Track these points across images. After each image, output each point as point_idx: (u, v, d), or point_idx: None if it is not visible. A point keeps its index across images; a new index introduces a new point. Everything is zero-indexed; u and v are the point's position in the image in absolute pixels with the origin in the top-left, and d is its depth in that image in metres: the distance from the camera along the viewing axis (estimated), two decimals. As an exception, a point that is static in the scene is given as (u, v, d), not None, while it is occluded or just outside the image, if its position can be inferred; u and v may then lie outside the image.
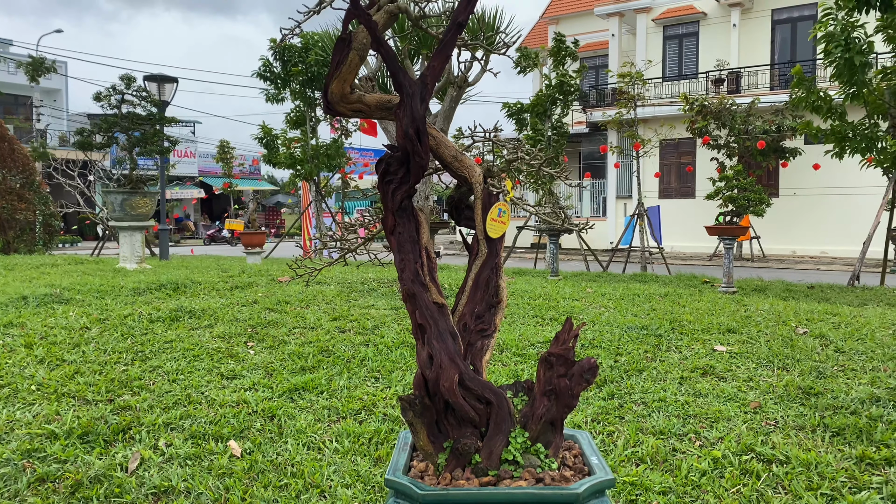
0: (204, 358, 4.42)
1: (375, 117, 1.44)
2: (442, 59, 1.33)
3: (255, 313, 5.50)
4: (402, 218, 1.36)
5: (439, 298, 1.35)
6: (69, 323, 5.15)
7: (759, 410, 3.56)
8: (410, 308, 1.35)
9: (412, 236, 1.36)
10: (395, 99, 1.40)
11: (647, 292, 7.18)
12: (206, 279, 6.88)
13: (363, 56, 1.35)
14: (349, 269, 8.36)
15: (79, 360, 4.36)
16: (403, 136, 1.29)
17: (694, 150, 23.06)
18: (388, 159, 1.34)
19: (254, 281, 6.87)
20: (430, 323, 1.32)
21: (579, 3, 29.02)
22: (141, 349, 4.58)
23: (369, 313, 5.59)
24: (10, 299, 5.83)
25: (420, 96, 1.29)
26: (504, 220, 1.47)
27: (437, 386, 1.29)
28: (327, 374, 4.12)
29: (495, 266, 1.48)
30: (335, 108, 1.38)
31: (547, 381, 1.36)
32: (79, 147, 7.97)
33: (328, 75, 1.36)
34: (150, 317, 5.32)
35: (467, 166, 1.45)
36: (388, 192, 1.34)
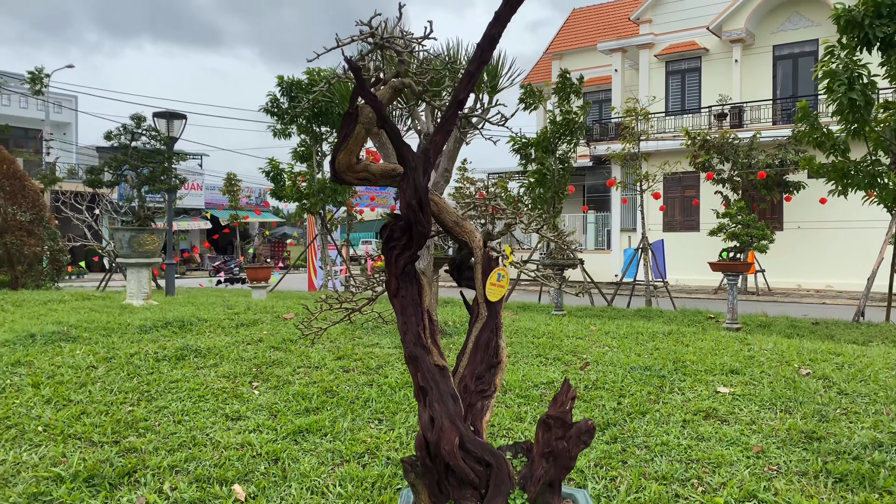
0: (209, 398, 4.45)
1: (380, 185, 1.50)
2: (444, 134, 1.39)
3: (260, 352, 5.54)
4: (405, 282, 1.41)
5: (440, 361, 1.40)
6: (76, 362, 5.19)
7: (762, 455, 3.57)
8: (413, 370, 1.39)
9: (414, 299, 1.41)
10: (398, 168, 1.46)
11: (650, 330, 7.19)
12: (211, 316, 6.93)
13: (369, 129, 1.41)
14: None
15: (85, 401, 4.39)
16: (407, 207, 1.34)
17: (697, 183, 23.18)
18: (391, 226, 1.39)
19: (259, 318, 6.92)
20: (431, 385, 1.36)
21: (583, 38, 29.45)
22: (147, 389, 4.61)
23: (373, 352, 5.62)
24: (17, 337, 5.88)
25: (423, 169, 1.35)
26: (503, 283, 1.52)
27: (438, 448, 1.33)
28: (331, 416, 4.14)
29: (495, 327, 1.53)
30: (342, 177, 1.44)
31: (545, 443, 1.40)
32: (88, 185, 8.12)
33: (335, 147, 1.43)
34: (156, 355, 5.35)
35: (468, 231, 1.50)
36: (391, 257, 1.39)
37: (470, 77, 1.43)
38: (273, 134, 18.90)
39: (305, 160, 19.26)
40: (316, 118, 18.18)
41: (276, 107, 18.91)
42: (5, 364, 5.08)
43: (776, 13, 23.09)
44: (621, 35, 27.25)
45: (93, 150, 46.96)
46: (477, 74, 1.44)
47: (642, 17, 25.55)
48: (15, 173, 9.90)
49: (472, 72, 1.43)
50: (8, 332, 6.08)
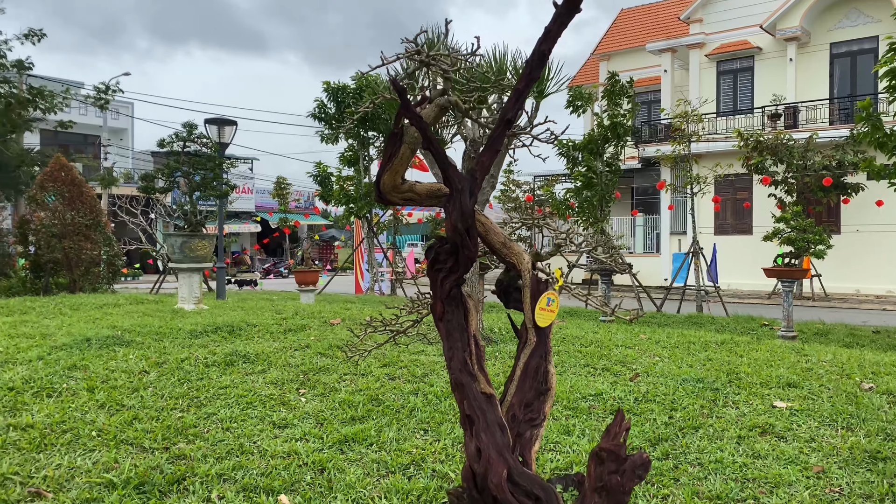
0: (257, 405, 4.49)
1: (425, 205, 1.47)
2: (491, 154, 1.35)
3: (307, 358, 5.57)
4: (451, 305, 1.38)
5: (488, 388, 1.35)
6: (129, 366, 5.30)
7: (823, 475, 3.42)
8: (459, 397, 1.35)
9: (460, 324, 1.37)
10: (443, 188, 1.42)
11: (702, 340, 7.00)
12: (260, 321, 7.01)
13: (414, 149, 1.38)
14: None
15: (137, 406, 4.48)
16: (453, 231, 1.31)
17: (750, 185, 22.59)
18: (437, 249, 1.36)
19: (307, 324, 6.98)
20: (478, 414, 1.32)
21: (631, 39, 29.03)
22: (196, 395, 4.68)
23: (419, 360, 5.60)
24: (74, 341, 6.04)
25: (469, 191, 1.31)
26: (553, 308, 1.47)
27: (485, 481, 1.29)
28: (377, 425, 4.13)
29: (545, 352, 1.48)
30: (387, 197, 1.41)
31: (598, 476, 1.34)
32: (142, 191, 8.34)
33: (381, 168, 1.40)
34: (205, 361, 5.44)
35: (516, 253, 1.46)
36: (437, 280, 1.36)
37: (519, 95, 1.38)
38: (321, 139, 19.13)
39: (353, 164, 19.43)
40: (363, 123, 18.32)
41: (323, 112, 19.15)
42: (62, 368, 5.21)
43: (833, 10, 22.36)
44: (671, 35, 26.76)
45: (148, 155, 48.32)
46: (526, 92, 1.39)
47: (692, 17, 25.04)
48: (73, 180, 10.22)
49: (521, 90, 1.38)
50: (66, 336, 6.26)
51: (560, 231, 1.58)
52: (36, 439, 3.92)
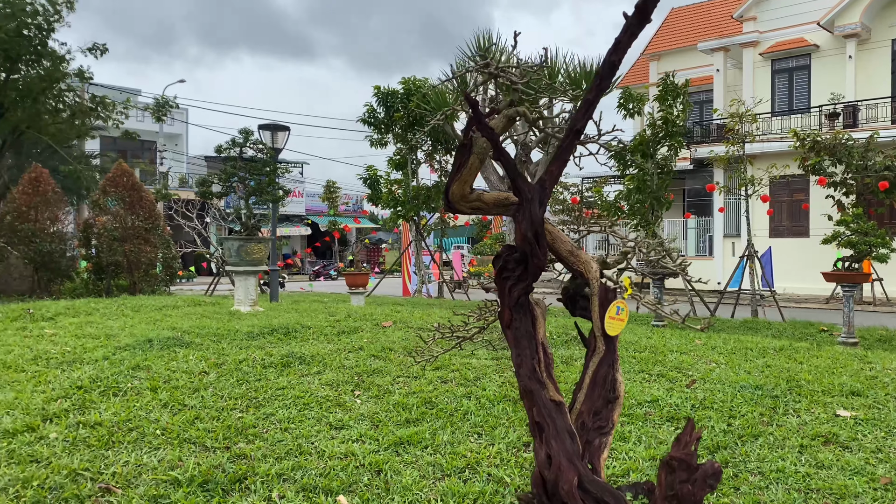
0: (313, 406, 4.57)
1: (493, 213, 1.48)
2: (560, 164, 1.37)
3: (361, 360, 5.65)
4: (519, 313, 1.39)
5: (557, 396, 1.37)
6: (189, 367, 5.46)
7: (892, 486, 3.31)
8: (528, 404, 1.37)
9: (528, 331, 1.39)
10: (511, 197, 1.44)
11: (760, 345, 6.85)
12: (314, 323, 7.14)
13: (483, 159, 1.40)
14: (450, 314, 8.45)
15: (198, 406, 4.61)
16: (522, 239, 1.32)
17: (807, 187, 21.96)
18: (505, 257, 1.38)
19: (359, 326, 7.07)
20: (548, 422, 1.33)
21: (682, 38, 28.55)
22: (255, 396, 4.79)
23: (471, 363, 5.62)
24: (137, 342, 6.24)
25: (539, 200, 1.33)
26: (623, 316, 1.47)
27: (556, 488, 1.30)
28: (431, 428, 4.17)
29: (613, 361, 1.49)
30: (456, 206, 1.44)
31: (669, 485, 1.34)
32: (200, 196, 8.60)
33: (450, 178, 1.43)
34: (262, 362, 5.56)
35: (583, 261, 1.47)
36: (504, 288, 1.38)
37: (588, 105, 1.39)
38: (370, 143, 19.36)
39: (401, 168, 19.61)
40: (411, 127, 18.47)
41: (372, 117, 19.37)
42: (127, 368, 5.40)
43: (895, 5, 21.59)
44: (723, 34, 26.22)
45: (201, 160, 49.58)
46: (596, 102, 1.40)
47: (746, 15, 24.49)
48: (133, 185, 10.57)
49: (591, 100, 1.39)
50: (128, 337, 6.48)
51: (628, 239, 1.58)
52: (104, 437, 4.08)
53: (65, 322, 7.27)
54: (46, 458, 3.80)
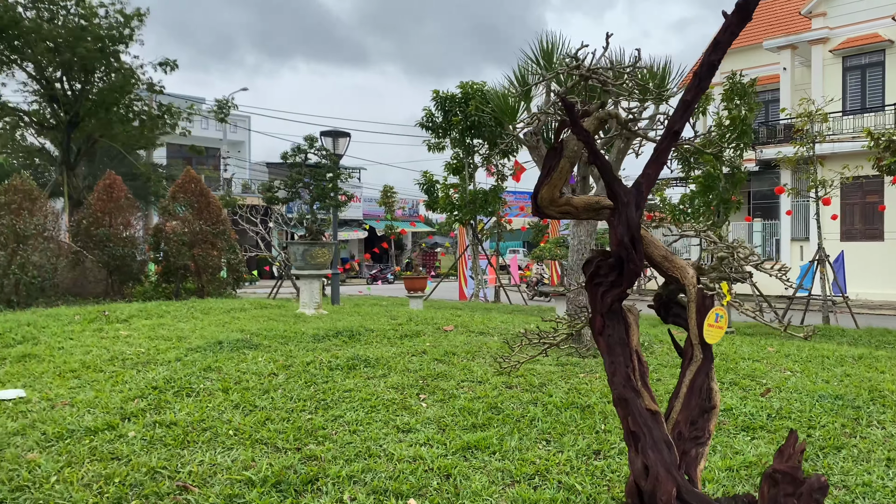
0: (380, 409, 4.60)
1: (582, 218, 1.46)
2: (658, 166, 1.33)
3: (424, 364, 5.66)
4: (612, 320, 1.36)
5: (652, 405, 1.33)
6: (258, 368, 5.57)
7: None
8: (622, 413, 1.34)
9: (622, 338, 1.35)
10: (602, 201, 1.42)
11: (837, 353, 6.58)
12: (377, 326, 7.20)
13: (573, 162, 1.38)
14: (512, 319, 8.42)
15: (269, 407, 4.70)
16: (618, 244, 1.30)
17: (881, 188, 21.04)
18: (597, 262, 1.35)
19: (421, 330, 7.10)
20: (644, 431, 1.30)
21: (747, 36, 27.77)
22: (323, 398, 4.85)
23: (535, 369, 5.58)
24: (207, 343, 6.41)
25: (635, 204, 1.30)
26: (722, 324, 1.42)
27: (653, 498, 1.26)
28: (498, 433, 4.14)
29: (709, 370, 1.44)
30: (544, 211, 1.42)
31: (772, 499, 1.29)
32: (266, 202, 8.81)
33: (539, 181, 1.41)
34: (329, 364, 5.63)
35: (679, 267, 1.43)
36: (597, 294, 1.35)
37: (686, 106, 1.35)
38: (427, 148, 19.48)
39: (458, 172, 19.65)
40: (469, 131, 18.50)
41: (430, 121, 19.48)
42: (199, 369, 5.54)
43: (978, -5, 20.53)
44: (790, 31, 25.39)
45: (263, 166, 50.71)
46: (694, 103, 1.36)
47: (815, 11, 23.67)
48: (202, 191, 10.89)
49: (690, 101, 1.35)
50: (199, 339, 6.66)
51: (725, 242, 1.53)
52: (179, 436, 4.19)
53: (138, 324, 7.53)
54: (126, 456, 3.93)
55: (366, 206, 45.61)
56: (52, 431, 4.28)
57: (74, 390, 5.17)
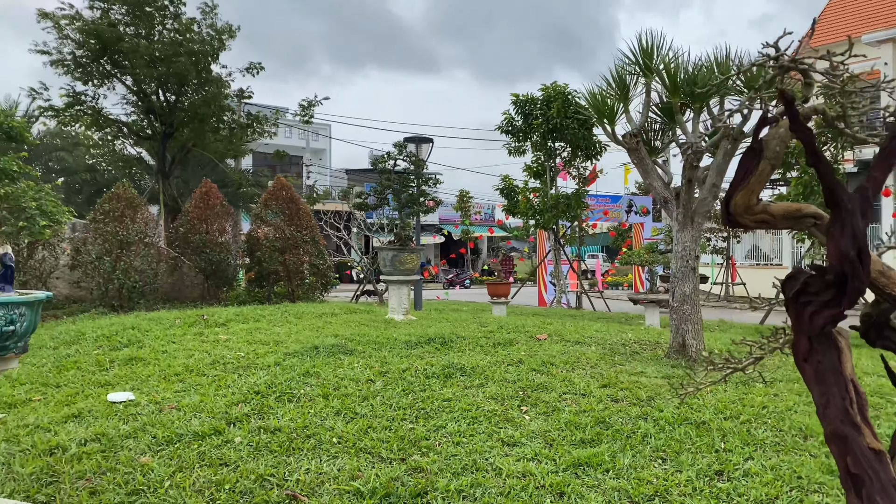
0: (482, 420, 4.49)
1: (780, 227, 1.30)
2: (884, 168, 1.16)
3: (522, 374, 5.52)
4: (822, 344, 1.20)
5: (875, 443, 1.16)
6: (356, 375, 5.56)
7: None
8: (838, 451, 1.17)
9: (834, 366, 1.19)
10: (804, 209, 1.25)
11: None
12: (468, 334, 7.10)
13: (775, 165, 1.22)
14: (606, 327, 8.17)
15: (369, 414, 4.66)
16: (840, 258, 1.13)
17: None
18: (805, 278, 1.19)
19: (514, 338, 6.96)
20: (868, 474, 1.13)
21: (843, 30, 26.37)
22: (422, 406, 4.78)
23: (640, 381, 5.34)
24: (304, 348, 6.46)
25: (861, 212, 1.13)
26: (955, 351, 1.24)
27: (889, 555, 1.09)
28: (609, 450, 3.95)
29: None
30: (737, 219, 1.27)
31: None
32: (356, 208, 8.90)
33: (732, 186, 1.26)
34: (425, 372, 5.56)
35: (897, 283, 1.25)
36: (803, 314, 1.19)
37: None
38: (508, 152, 19.28)
39: (539, 176, 19.39)
40: (551, 134, 18.23)
41: (510, 125, 19.30)
42: (298, 374, 5.58)
43: None
44: (891, 24, 23.95)
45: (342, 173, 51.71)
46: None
47: (921, 0, 22.22)
48: (291, 198, 11.11)
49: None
50: (295, 343, 6.72)
51: None
52: (285, 443, 4.20)
53: (236, 328, 7.69)
54: (234, 462, 3.96)
55: (442, 211, 45.75)
56: (161, 435, 4.36)
57: (180, 394, 5.28)
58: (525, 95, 18.89)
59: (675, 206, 6.14)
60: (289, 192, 11.22)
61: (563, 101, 18.22)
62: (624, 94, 6.41)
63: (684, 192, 5.97)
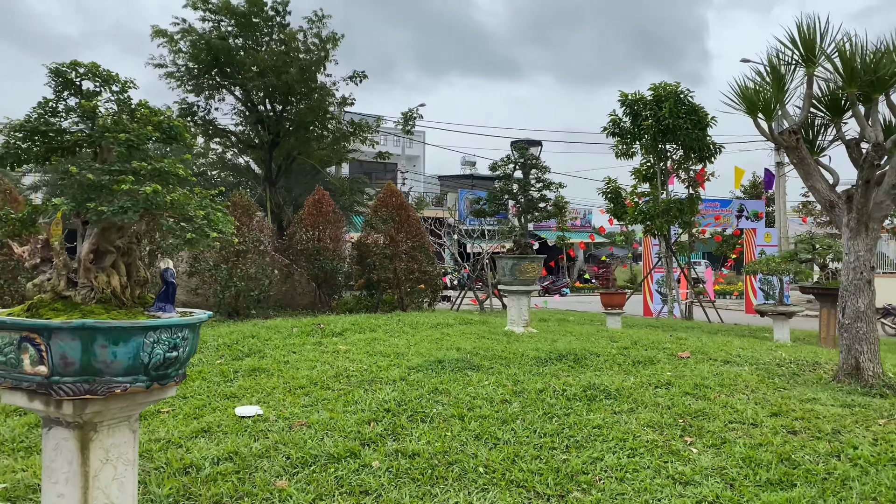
0: (643, 452, 4.00)
1: None
2: None
3: (674, 398, 4.97)
4: None
5: None
6: (488, 393, 5.17)
7: None
8: None
9: None
10: None
11: None
12: (601, 350, 6.59)
13: None
14: (752, 345, 7.44)
15: (512, 440, 4.26)
16: None
17: None
18: None
19: (653, 356, 6.39)
20: None
21: None
22: (570, 434, 4.33)
23: (815, 410, 4.69)
24: (427, 362, 6.14)
25: None
26: None
27: None
28: (806, 495, 3.38)
29: None
30: None
31: None
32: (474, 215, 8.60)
33: None
34: (564, 394, 5.12)
35: None
36: None
37: None
38: (615, 154, 18.53)
39: (649, 180, 18.53)
40: (662, 135, 17.37)
41: (617, 127, 18.54)
42: (427, 391, 5.25)
43: None
44: None
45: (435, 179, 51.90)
46: None
47: None
48: (401, 204, 10.91)
49: None
50: (417, 356, 6.42)
51: None
52: (426, 470, 3.85)
53: (353, 338, 7.48)
54: (375, 491, 3.65)
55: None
56: (295, 456, 4.12)
57: (307, 409, 5.05)
58: (634, 94, 18.11)
59: (845, 211, 5.43)
60: (398, 198, 11.03)
61: (675, 100, 17.35)
62: (780, 86, 5.76)
63: (860, 194, 5.26)
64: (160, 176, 1.88)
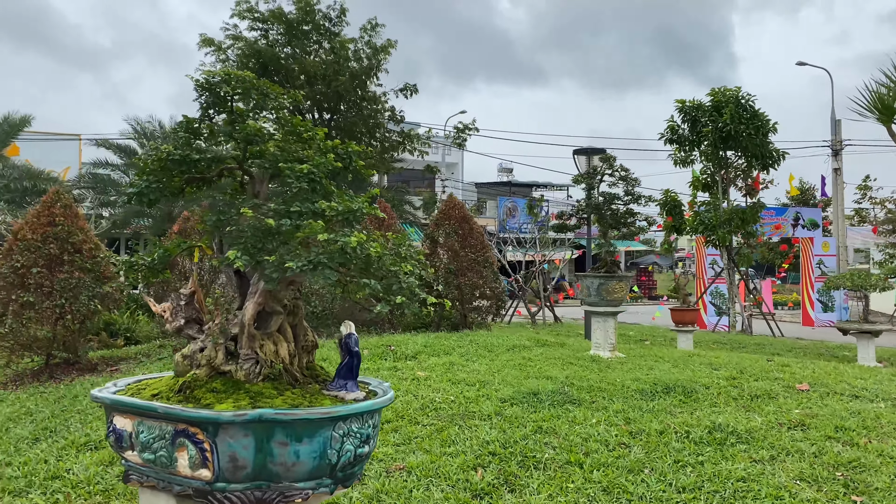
0: (810, 517, 3.45)
1: None
2: None
3: (818, 444, 4.40)
4: None
5: None
6: (600, 435, 4.66)
7: None
8: None
9: None
10: None
11: None
12: (708, 381, 6.01)
13: None
14: (871, 374, 6.80)
15: (648, 496, 3.74)
16: None
17: None
18: None
19: (768, 388, 5.79)
20: None
21: None
22: (713, 488, 3.80)
23: None
24: (519, 393, 5.65)
25: None
26: None
27: None
28: None
29: None
30: None
31: None
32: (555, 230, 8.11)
33: None
34: (688, 436, 4.57)
35: None
36: None
37: None
38: (674, 162, 17.84)
39: (708, 189, 17.81)
40: (724, 142, 16.65)
41: (675, 134, 17.85)
42: (530, 431, 4.77)
43: None
44: None
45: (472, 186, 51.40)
46: None
47: None
48: (464, 217, 10.44)
49: None
50: (506, 386, 5.93)
51: None
52: (560, 533, 3.36)
53: (429, 362, 7.01)
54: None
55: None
56: (403, 511, 3.66)
57: (401, 449, 4.59)
58: (692, 101, 17.43)
59: None
60: (461, 210, 10.56)
61: (735, 105, 16.65)
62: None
63: None
64: (348, 219, 1.45)
